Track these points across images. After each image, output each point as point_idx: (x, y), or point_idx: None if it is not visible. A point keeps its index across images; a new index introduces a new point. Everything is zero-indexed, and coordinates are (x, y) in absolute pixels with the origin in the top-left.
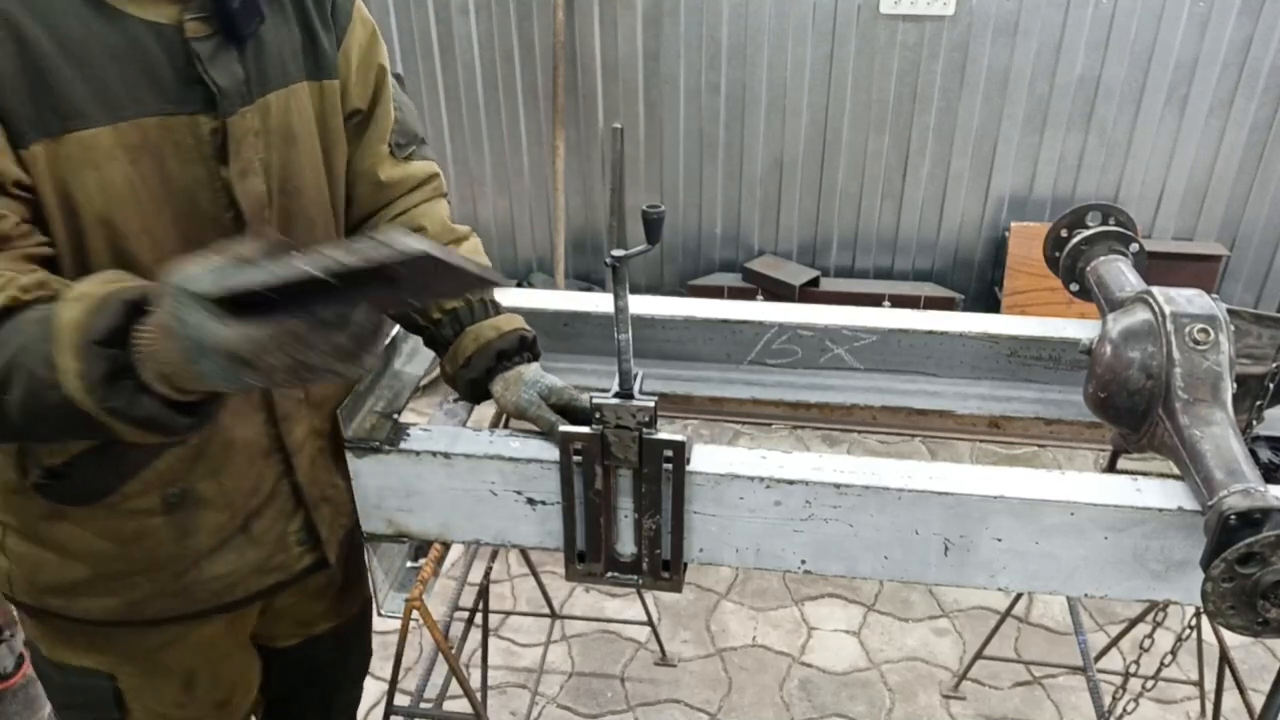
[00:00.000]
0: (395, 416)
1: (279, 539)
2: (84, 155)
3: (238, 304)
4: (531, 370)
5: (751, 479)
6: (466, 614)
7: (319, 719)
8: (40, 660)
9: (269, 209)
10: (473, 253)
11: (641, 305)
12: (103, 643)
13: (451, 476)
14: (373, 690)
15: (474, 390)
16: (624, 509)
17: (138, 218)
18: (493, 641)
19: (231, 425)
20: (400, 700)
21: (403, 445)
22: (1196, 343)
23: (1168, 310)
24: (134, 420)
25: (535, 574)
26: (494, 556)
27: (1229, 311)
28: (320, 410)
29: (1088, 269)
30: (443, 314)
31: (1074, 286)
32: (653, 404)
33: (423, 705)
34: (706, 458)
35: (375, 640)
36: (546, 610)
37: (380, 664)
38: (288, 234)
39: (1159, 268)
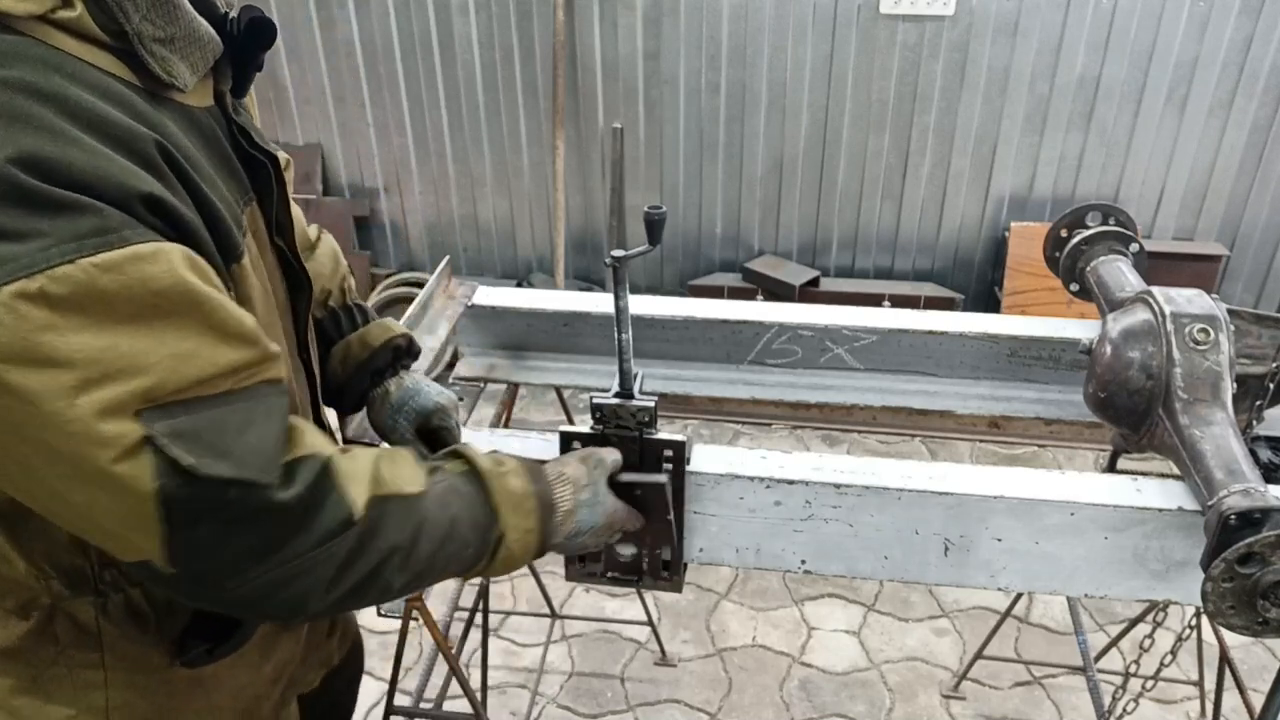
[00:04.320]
0: None
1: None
2: (242, 290)
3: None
4: (400, 386)
5: (751, 479)
6: (466, 614)
7: None
8: None
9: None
10: (333, 260)
11: (641, 305)
12: None
13: None
14: (373, 690)
15: (356, 410)
16: None
17: (271, 334)
18: (493, 641)
19: None
20: (400, 700)
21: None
22: (1196, 343)
23: (1168, 310)
24: (541, 552)
25: (535, 574)
26: None
27: (1229, 311)
28: None
29: (1088, 269)
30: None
31: (1074, 286)
32: (653, 404)
33: (423, 705)
34: (706, 458)
35: (375, 640)
36: (546, 610)
37: (380, 664)
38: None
39: (1159, 268)
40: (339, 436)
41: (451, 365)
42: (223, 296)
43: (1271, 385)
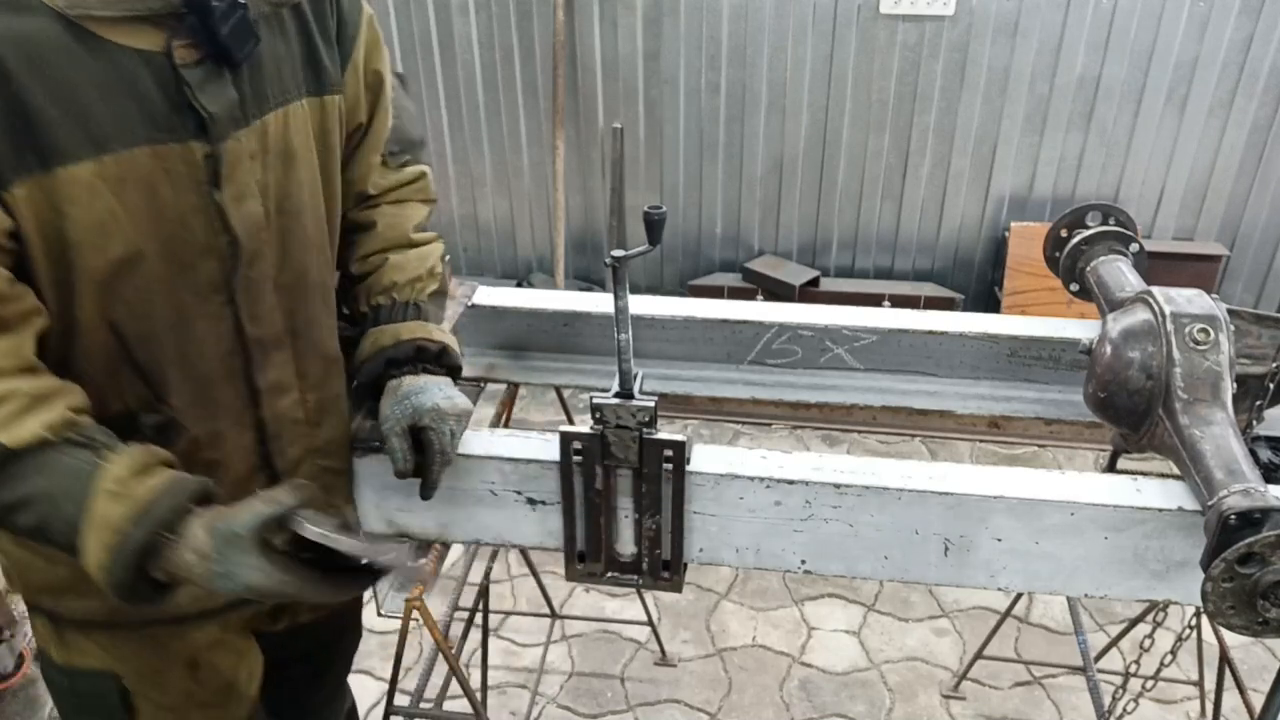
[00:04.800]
0: None
1: None
2: (66, 192)
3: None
4: (413, 383)
5: (751, 479)
6: (466, 614)
7: (307, 688)
8: (49, 668)
9: (266, 231)
10: (420, 261)
11: (641, 305)
12: (104, 641)
13: (451, 476)
14: (373, 690)
15: (373, 395)
16: (624, 509)
17: (122, 248)
18: (493, 641)
19: (216, 448)
20: (400, 700)
21: None
22: (1196, 343)
23: (1168, 310)
24: (125, 599)
25: (535, 574)
26: (494, 556)
27: (1229, 311)
28: (321, 430)
29: (1088, 269)
30: (369, 309)
31: (1074, 286)
32: (653, 404)
33: (423, 705)
34: (706, 458)
35: (375, 640)
36: (546, 610)
37: (380, 664)
38: (285, 255)
39: (1159, 268)
40: (264, 391)
41: None
42: None
43: (1271, 385)
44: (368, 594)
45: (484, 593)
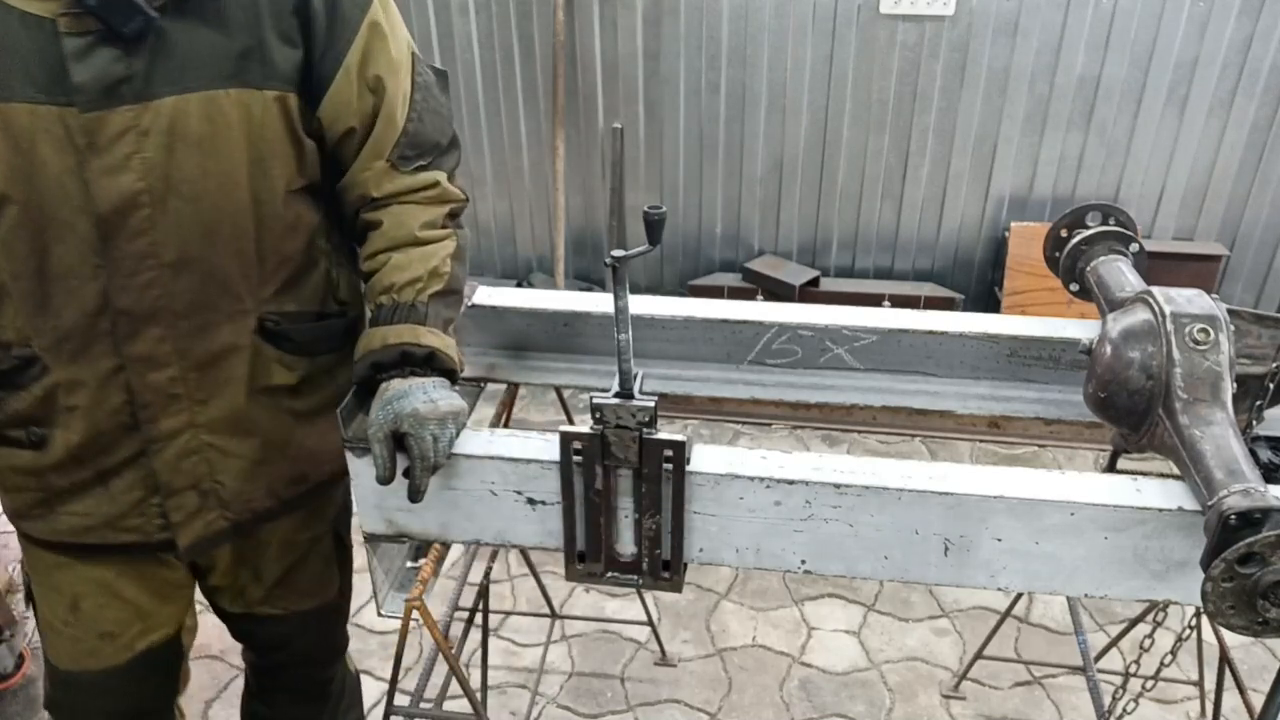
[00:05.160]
0: None
1: (137, 504)
2: None
3: None
4: (399, 387)
5: (751, 479)
6: (466, 614)
7: (290, 674)
8: None
9: (151, 209)
10: (423, 260)
11: (641, 305)
12: (20, 538)
13: (451, 476)
14: (373, 690)
15: (361, 390)
16: (624, 509)
17: None
18: (493, 641)
19: (76, 396)
20: (400, 700)
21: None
22: (1196, 343)
23: (1168, 310)
24: None
25: (535, 574)
26: (494, 556)
27: (1229, 311)
28: (208, 408)
29: (1088, 269)
30: (374, 309)
31: (1074, 286)
32: (653, 404)
33: (423, 705)
34: (706, 458)
35: (375, 640)
36: (546, 610)
37: (380, 664)
38: (176, 237)
39: (1159, 268)
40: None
41: None
42: None
43: (1271, 385)
44: (366, 596)
45: (484, 593)
